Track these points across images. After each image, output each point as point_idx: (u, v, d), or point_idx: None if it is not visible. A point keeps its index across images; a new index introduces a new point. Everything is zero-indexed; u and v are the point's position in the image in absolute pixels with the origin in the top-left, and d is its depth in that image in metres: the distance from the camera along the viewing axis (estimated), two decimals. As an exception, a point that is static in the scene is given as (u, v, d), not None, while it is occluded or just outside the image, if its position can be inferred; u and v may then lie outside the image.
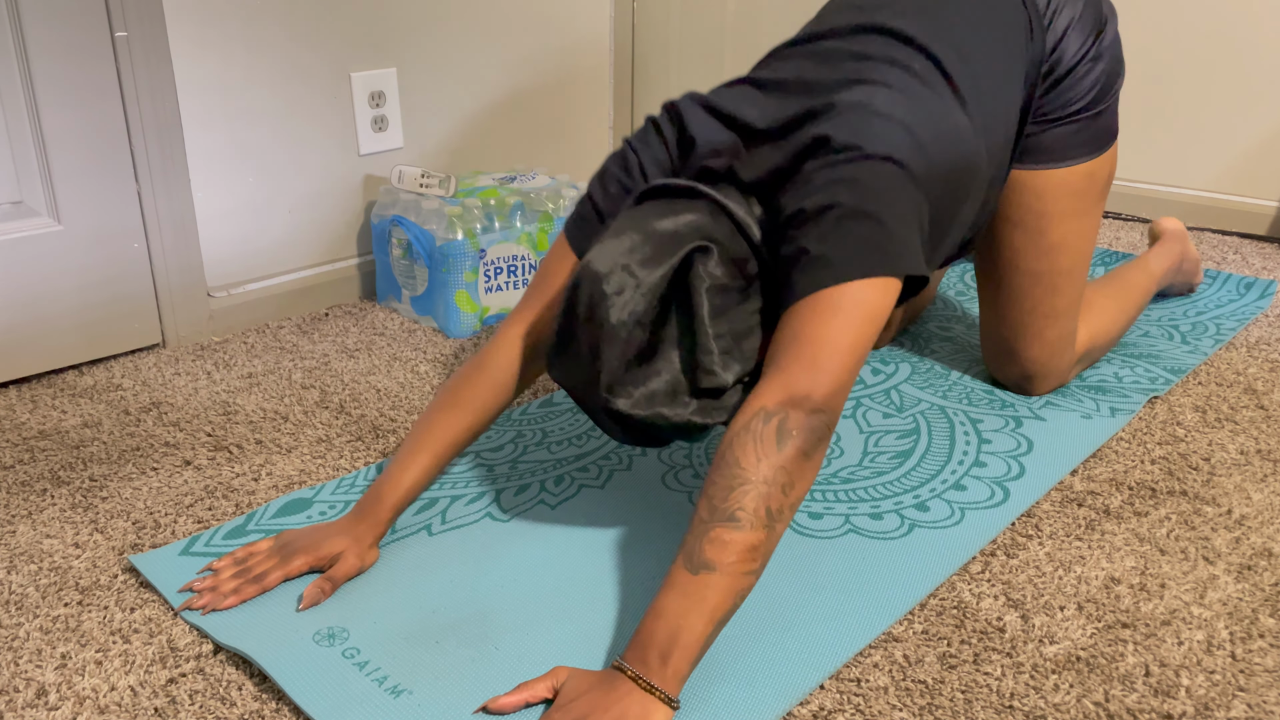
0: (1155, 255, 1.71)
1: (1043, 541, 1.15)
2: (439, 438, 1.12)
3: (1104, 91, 1.31)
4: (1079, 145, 1.32)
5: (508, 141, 2.11)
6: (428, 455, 1.11)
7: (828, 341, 0.93)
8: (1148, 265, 1.68)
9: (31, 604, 1.05)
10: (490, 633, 0.99)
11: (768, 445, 0.89)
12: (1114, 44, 1.32)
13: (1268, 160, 2.26)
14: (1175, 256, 1.75)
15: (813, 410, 0.91)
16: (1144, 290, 1.64)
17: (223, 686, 0.93)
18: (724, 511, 0.88)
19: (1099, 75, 1.30)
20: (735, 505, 0.88)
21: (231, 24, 1.66)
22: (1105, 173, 1.36)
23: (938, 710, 0.91)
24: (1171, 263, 1.74)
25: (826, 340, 0.93)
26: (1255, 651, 0.99)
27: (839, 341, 0.94)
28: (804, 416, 0.90)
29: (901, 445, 1.35)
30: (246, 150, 1.73)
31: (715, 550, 0.87)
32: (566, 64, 2.18)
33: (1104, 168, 1.35)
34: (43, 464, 1.32)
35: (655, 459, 1.32)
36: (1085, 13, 1.29)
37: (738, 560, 0.87)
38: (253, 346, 1.70)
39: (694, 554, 0.88)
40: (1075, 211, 1.35)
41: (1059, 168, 1.32)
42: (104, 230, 1.59)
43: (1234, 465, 1.31)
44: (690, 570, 0.87)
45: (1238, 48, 2.24)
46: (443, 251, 1.70)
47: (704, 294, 0.97)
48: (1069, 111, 1.30)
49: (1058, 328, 1.40)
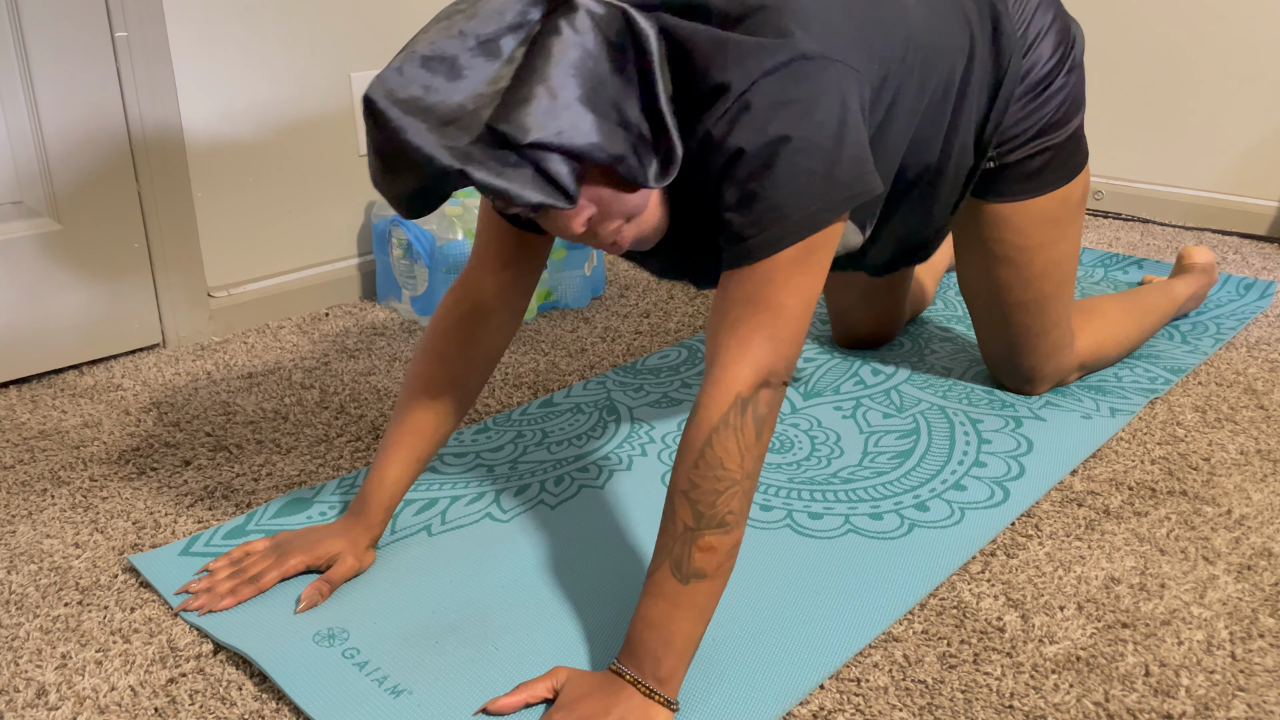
0: (1182, 282, 1.72)
1: (1043, 541, 1.15)
2: (412, 432, 1.09)
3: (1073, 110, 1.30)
4: (1053, 171, 1.31)
5: (508, 141, 2.11)
6: (407, 452, 1.09)
7: (786, 307, 0.88)
8: (1172, 290, 1.69)
9: (31, 604, 1.05)
10: (490, 633, 0.99)
11: (748, 437, 0.87)
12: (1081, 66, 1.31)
13: (1268, 160, 2.26)
14: (1200, 286, 1.77)
15: (780, 384, 0.89)
16: (1162, 312, 1.64)
17: (223, 686, 0.93)
18: (713, 518, 0.86)
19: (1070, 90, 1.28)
20: (725, 510, 0.86)
21: (231, 24, 1.66)
22: (1080, 192, 1.35)
23: (938, 710, 0.91)
24: (1195, 290, 1.75)
25: (785, 305, 0.88)
26: (1255, 651, 0.99)
27: (797, 304, 0.89)
28: (772, 393, 0.88)
29: (901, 445, 1.35)
30: (246, 150, 1.73)
31: (706, 558, 0.86)
32: (566, 64, 2.18)
33: (1078, 189, 1.35)
34: (43, 464, 1.32)
35: (655, 459, 1.32)
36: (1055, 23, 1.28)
37: (725, 560, 0.88)
38: (253, 346, 1.70)
39: (683, 563, 0.86)
40: (1055, 239, 1.34)
41: (1035, 198, 1.31)
42: (104, 230, 1.59)
43: (1234, 465, 1.31)
44: (680, 580, 0.87)
45: (1237, 48, 2.24)
46: (443, 251, 1.70)
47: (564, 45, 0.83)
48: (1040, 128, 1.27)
49: (1051, 338, 1.41)
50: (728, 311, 0.90)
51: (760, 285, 0.89)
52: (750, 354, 0.87)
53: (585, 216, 0.88)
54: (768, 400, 0.88)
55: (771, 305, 0.88)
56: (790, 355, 0.89)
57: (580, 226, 0.88)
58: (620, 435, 1.38)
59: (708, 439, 0.86)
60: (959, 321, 1.77)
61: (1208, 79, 2.29)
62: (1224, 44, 2.25)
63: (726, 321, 0.89)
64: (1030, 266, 1.35)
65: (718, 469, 0.86)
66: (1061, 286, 1.38)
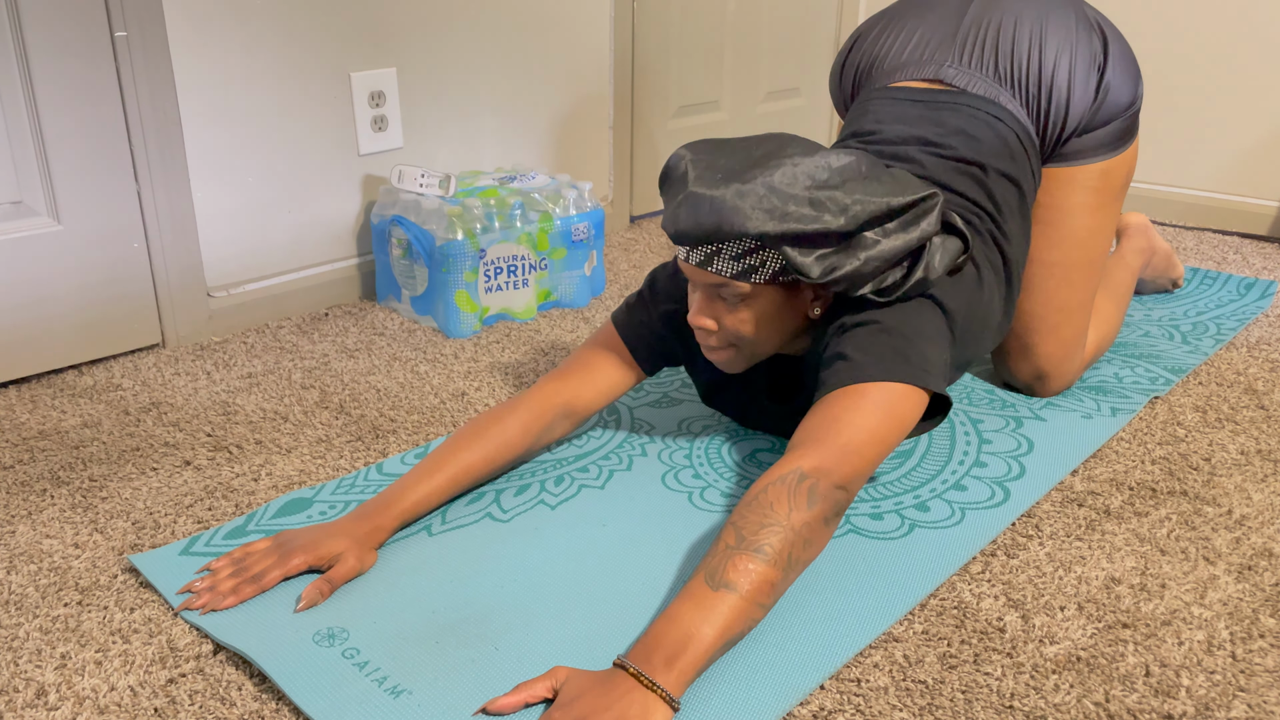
0: (1129, 251, 1.74)
1: (1043, 542, 1.15)
2: (457, 463, 1.16)
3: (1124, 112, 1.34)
4: (1095, 148, 1.34)
5: (508, 141, 2.11)
6: (444, 477, 1.15)
7: (859, 427, 1.00)
8: (1126, 262, 1.70)
9: (31, 604, 1.05)
10: (490, 633, 0.99)
11: (799, 499, 0.94)
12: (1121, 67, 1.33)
13: (1268, 160, 2.26)
14: (1146, 251, 1.78)
15: (838, 485, 0.97)
16: (1129, 287, 1.67)
17: (223, 687, 0.93)
18: (752, 543, 0.91)
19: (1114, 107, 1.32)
20: (764, 540, 0.91)
21: (231, 24, 1.66)
22: (1123, 171, 1.38)
23: (938, 710, 0.91)
24: (1144, 257, 1.77)
25: (858, 426, 1.00)
26: (1255, 651, 0.99)
27: (867, 429, 1.00)
28: (830, 487, 0.96)
29: (902, 445, 1.35)
30: (246, 150, 1.73)
31: (738, 574, 0.90)
32: (566, 64, 2.18)
33: (1121, 167, 1.37)
34: (43, 464, 1.32)
35: (655, 459, 1.32)
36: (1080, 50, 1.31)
37: (756, 589, 0.90)
38: (252, 346, 1.70)
39: (716, 573, 0.90)
40: (1088, 207, 1.36)
41: (1073, 165, 1.35)
42: (104, 230, 1.59)
43: (1234, 465, 1.31)
44: (710, 586, 0.89)
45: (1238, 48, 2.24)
46: (443, 251, 1.70)
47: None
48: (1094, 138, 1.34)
49: (1071, 325, 1.42)
50: (807, 423, 1.03)
51: (843, 408, 1.02)
52: (818, 449, 0.99)
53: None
54: (825, 488, 0.96)
55: (848, 424, 1.00)
56: (854, 467, 0.98)
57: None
58: (620, 435, 1.38)
59: (763, 488, 0.96)
60: (959, 321, 1.77)
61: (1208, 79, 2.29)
62: (1224, 44, 2.25)
63: (805, 429, 1.02)
64: (1059, 226, 1.37)
65: (766, 509, 0.94)
66: (1089, 262, 1.39)
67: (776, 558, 0.91)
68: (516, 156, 2.14)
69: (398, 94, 1.89)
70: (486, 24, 2.00)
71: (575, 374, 1.26)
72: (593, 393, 1.26)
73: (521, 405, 1.22)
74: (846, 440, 0.99)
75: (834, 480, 0.96)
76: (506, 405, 1.22)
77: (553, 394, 1.24)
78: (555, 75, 2.16)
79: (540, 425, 1.22)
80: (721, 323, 1.13)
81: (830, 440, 0.99)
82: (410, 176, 1.77)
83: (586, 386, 1.25)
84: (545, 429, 1.23)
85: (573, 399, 1.24)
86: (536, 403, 1.22)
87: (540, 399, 1.23)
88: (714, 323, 1.13)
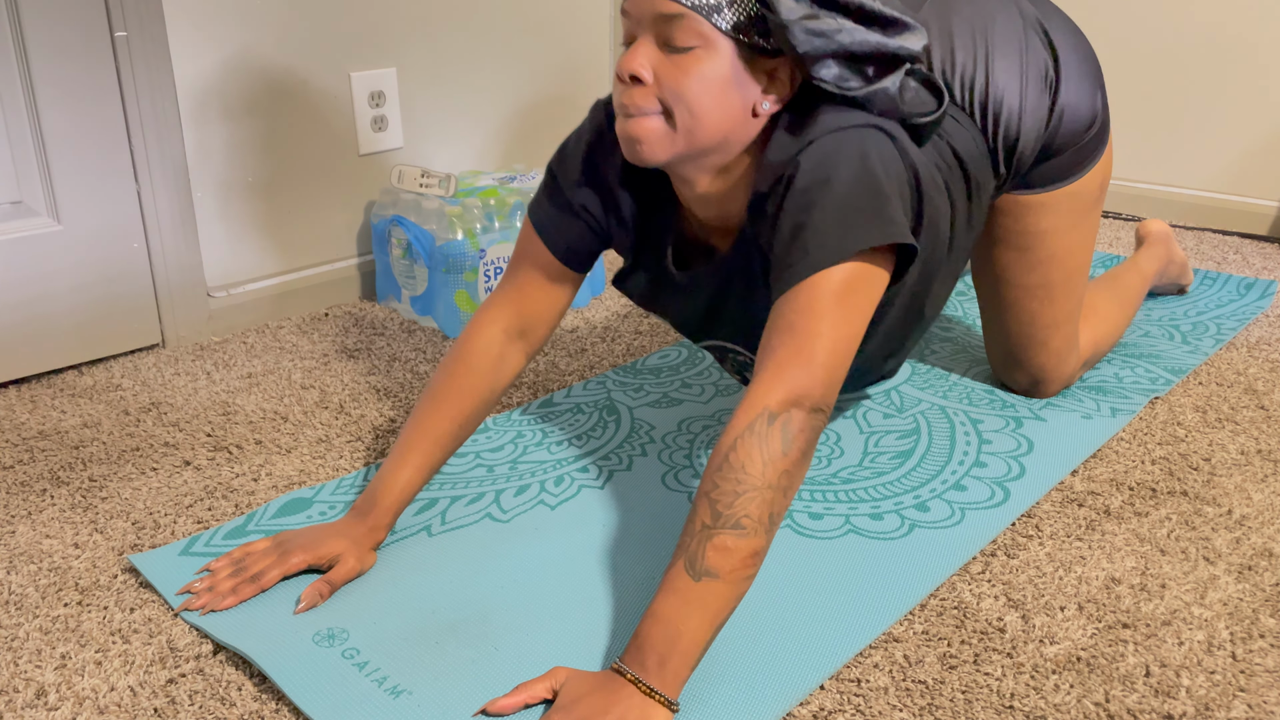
0: (1145, 257, 1.72)
1: (1043, 542, 1.15)
2: (427, 436, 1.13)
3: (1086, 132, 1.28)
4: (1062, 172, 1.30)
5: (508, 141, 2.11)
6: (417, 454, 1.12)
7: (823, 335, 0.93)
8: (1140, 267, 1.69)
9: (31, 604, 1.05)
10: (490, 633, 0.99)
11: (772, 448, 0.89)
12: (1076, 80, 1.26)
13: (1268, 160, 2.26)
14: (1163, 259, 1.76)
15: (813, 409, 0.91)
16: (1139, 292, 1.65)
17: (222, 687, 0.93)
18: (729, 519, 0.87)
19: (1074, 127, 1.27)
20: (741, 512, 0.87)
21: (231, 24, 1.66)
22: (1095, 185, 1.33)
23: (938, 710, 0.91)
24: (1160, 264, 1.75)
25: (822, 334, 0.93)
26: (1256, 652, 0.99)
27: (833, 333, 0.93)
28: (805, 416, 0.90)
29: (902, 445, 1.35)
30: (246, 150, 1.73)
31: (719, 558, 0.87)
32: (566, 64, 2.18)
33: (1092, 182, 1.32)
34: (42, 464, 1.32)
35: (655, 459, 1.32)
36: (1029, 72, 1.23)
37: (740, 566, 0.87)
38: (252, 346, 1.70)
39: (697, 560, 0.87)
40: (1062, 228, 1.33)
41: (1041, 193, 1.31)
42: (104, 230, 1.59)
43: (1234, 465, 1.31)
44: (693, 577, 0.87)
45: (1237, 48, 2.24)
46: (443, 251, 1.70)
47: None
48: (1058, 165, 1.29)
49: (1060, 335, 1.40)
50: (768, 340, 0.95)
51: (800, 313, 0.93)
52: (784, 375, 0.91)
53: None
54: (799, 421, 0.90)
55: (810, 333, 0.93)
56: (825, 381, 0.92)
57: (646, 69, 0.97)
58: (620, 435, 1.38)
59: (732, 444, 0.89)
60: (959, 322, 1.77)
61: (1207, 79, 2.29)
62: (1224, 44, 2.25)
63: (767, 348, 0.94)
64: (1034, 251, 1.34)
65: (739, 472, 0.88)
66: (1069, 277, 1.36)
67: (757, 526, 0.87)
68: (516, 156, 2.14)
69: (398, 94, 1.89)
70: (486, 24, 2.00)
71: (509, 295, 1.18)
72: (533, 308, 1.18)
73: (465, 347, 1.16)
74: (811, 352, 0.92)
75: (808, 406, 0.90)
76: (452, 354, 1.17)
77: (491, 322, 1.17)
78: (555, 75, 2.16)
79: (490, 360, 1.16)
80: (659, 76, 0.97)
81: (798, 357, 0.92)
82: (410, 176, 1.77)
83: (526, 303, 1.17)
84: (499, 359, 1.16)
85: (514, 320, 1.17)
86: (479, 339, 1.16)
87: (481, 333, 1.17)
88: (650, 71, 0.97)
